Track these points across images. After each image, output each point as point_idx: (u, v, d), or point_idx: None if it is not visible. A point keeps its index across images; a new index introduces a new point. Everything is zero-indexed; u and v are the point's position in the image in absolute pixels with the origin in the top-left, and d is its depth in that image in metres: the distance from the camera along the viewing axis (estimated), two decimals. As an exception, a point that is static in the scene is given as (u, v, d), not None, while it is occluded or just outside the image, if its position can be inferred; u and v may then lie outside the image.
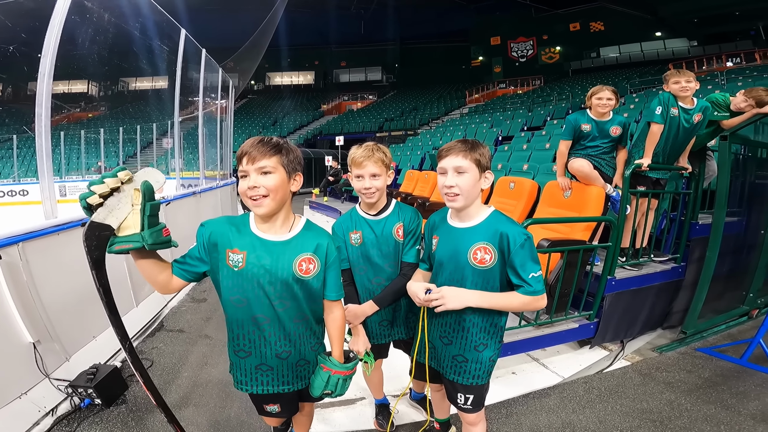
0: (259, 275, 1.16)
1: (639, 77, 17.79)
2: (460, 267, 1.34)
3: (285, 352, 1.25)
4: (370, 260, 1.62)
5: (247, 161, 1.12)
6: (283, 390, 1.30)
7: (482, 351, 1.39)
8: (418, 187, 6.28)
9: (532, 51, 27.84)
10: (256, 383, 1.28)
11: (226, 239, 1.17)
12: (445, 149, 1.34)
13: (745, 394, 2.30)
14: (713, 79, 12.20)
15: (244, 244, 1.17)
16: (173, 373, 2.58)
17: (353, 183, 1.62)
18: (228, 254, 1.17)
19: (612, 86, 2.99)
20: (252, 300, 1.18)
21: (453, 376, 1.43)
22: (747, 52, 18.30)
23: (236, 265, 1.16)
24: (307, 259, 1.20)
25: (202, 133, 6.29)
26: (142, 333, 3.15)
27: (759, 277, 3.36)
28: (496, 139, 10.34)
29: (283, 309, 1.21)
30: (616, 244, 2.68)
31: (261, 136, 1.17)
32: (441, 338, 1.44)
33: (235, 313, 1.21)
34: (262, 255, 1.17)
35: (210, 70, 6.83)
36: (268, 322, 1.21)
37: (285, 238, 1.21)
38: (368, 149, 1.57)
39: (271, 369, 1.27)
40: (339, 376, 1.30)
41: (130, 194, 1.03)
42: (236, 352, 1.26)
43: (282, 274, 1.18)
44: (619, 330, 2.94)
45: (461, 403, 1.45)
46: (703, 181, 3.20)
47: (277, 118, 27.19)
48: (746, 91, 3.12)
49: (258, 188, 1.12)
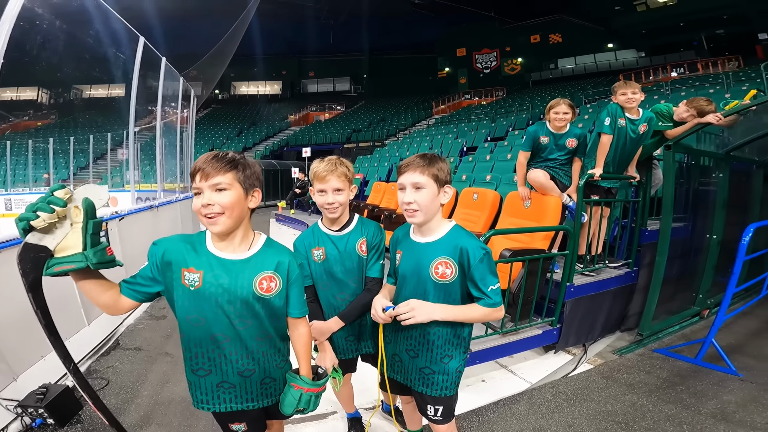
0: (218, 295, 1.13)
1: (593, 88, 18.62)
2: (423, 281, 1.36)
3: (248, 370, 1.21)
4: (334, 276, 1.60)
5: (201, 178, 1.09)
6: (248, 407, 1.25)
7: (448, 362, 1.40)
8: (385, 199, 6.29)
9: (495, 62, 28.85)
10: (218, 401, 1.23)
11: (181, 258, 1.13)
12: (404, 165, 1.35)
13: (703, 393, 2.40)
14: (659, 89, 12.98)
15: (201, 263, 1.14)
16: (132, 392, 2.46)
17: (315, 198, 1.59)
18: (183, 273, 1.13)
19: (568, 98, 3.11)
20: (210, 319, 1.14)
21: (421, 388, 1.44)
22: (690, 62, 19.47)
23: (192, 284, 1.12)
24: (267, 277, 1.18)
25: (160, 144, 6.04)
26: (95, 352, 3.00)
27: (707, 279, 3.58)
28: (460, 149, 10.51)
29: (244, 328, 1.17)
30: (573, 252, 2.77)
31: (216, 151, 1.14)
32: (407, 351, 1.45)
33: (192, 331, 1.16)
34: (219, 274, 1.14)
35: (171, 78, 6.61)
36: (229, 340, 1.17)
37: (244, 257, 1.17)
38: (331, 163, 1.54)
39: (234, 386, 1.22)
40: (311, 394, 1.28)
41: (69, 212, 0.97)
42: (194, 371, 1.20)
43: (241, 293, 1.15)
44: (581, 334, 3.03)
45: (431, 415, 1.45)
46: (650, 188, 3.37)
47: (242, 129, 26.58)
48: (688, 102, 3.29)
49: (213, 206, 1.08)
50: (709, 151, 3.65)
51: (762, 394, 2.39)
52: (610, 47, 24.92)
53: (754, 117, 3.80)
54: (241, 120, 28.97)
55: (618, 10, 22.53)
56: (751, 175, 4.27)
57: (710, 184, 3.64)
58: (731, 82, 11.50)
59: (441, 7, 26.68)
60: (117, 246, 3.69)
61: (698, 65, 18.85)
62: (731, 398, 2.34)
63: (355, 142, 21.06)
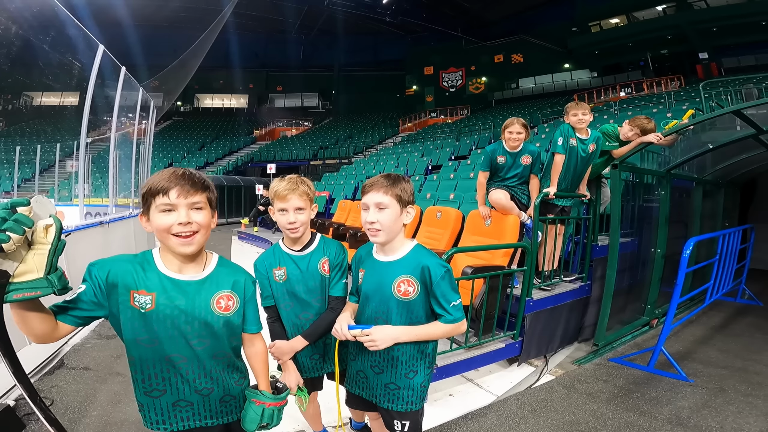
0: (174, 316, 1.10)
1: (550, 107, 19.32)
2: (385, 299, 1.38)
3: (206, 389, 1.18)
4: (296, 296, 1.59)
5: (179, 194, 1.05)
6: (207, 424, 1.21)
7: (413, 378, 1.42)
8: (350, 218, 6.26)
9: (461, 81, 29.65)
10: (174, 420, 1.17)
11: (130, 280, 1.08)
12: (368, 184, 1.38)
13: (658, 400, 2.51)
14: (608, 108, 13.68)
15: (153, 285, 1.09)
16: (79, 413, 2.32)
17: (276, 217, 1.57)
18: (133, 295, 1.07)
19: (527, 117, 3.26)
20: (164, 340, 1.10)
21: (387, 404, 1.44)
22: (637, 82, 20.60)
23: (143, 306, 1.08)
24: (225, 296, 1.17)
25: (113, 156, 5.75)
26: (38, 371, 2.81)
27: (654, 290, 3.79)
28: (426, 168, 10.70)
29: (202, 347, 1.14)
30: (531, 268, 2.87)
31: (181, 169, 1.10)
32: (372, 368, 1.45)
33: (144, 353, 1.11)
34: (175, 296, 1.10)
35: (129, 88, 6.35)
36: (185, 361, 1.13)
37: (199, 277, 1.15)
38: (292, 182, 1.53)
39: (191, 404, 1.18)
40: (273, 408, 1.27)
41: (36, 232, 0.88)
42: (147, 393, 1.15)
43: (200, 313, 1.12)
44: (541, 346, 3.11)
45: (398, 430, 1.45)
46: (599, 206, 3.55)
47: (204, 143, 25.79)
48: (630, 121, 3.47)
49: (191, 224, 1.06)
50: (652, 169, 3.90)
51: (713, 398, 2.52)
52: (567, 67, 25.95)
53: (693, 136, 4.13)
54: (204, 133, 28.10)
55: (574, 31, 23.61)
56: (691, 191, 4.61)
57: (653, 200, 3.88)
58: (673, 102, 12.28)
59: (410, 26, 27.37)
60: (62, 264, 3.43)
61: (644, 85, 19.92)
62: (684, 404, 2.46)
63: (321, 159, 20.95)
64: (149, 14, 24.18)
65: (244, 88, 33.86)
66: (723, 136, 3.85)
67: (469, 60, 28.98)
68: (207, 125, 30.21)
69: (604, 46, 22.89)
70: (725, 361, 3.11)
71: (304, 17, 27.20)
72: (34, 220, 0.87)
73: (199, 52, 20.09)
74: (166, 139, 25.63)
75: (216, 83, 33.00)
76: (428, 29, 27.26)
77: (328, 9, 24.69)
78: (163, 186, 1.05)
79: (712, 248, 3.68)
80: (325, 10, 24.96)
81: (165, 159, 21.15)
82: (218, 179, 16.66)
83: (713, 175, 4.87)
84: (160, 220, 1.06)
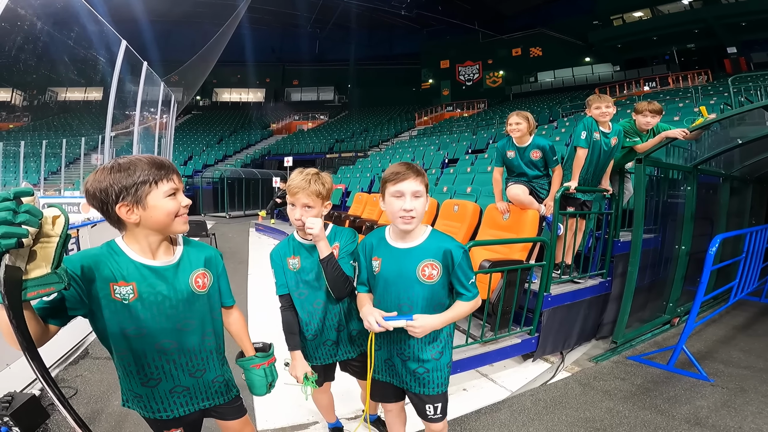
0: (159, 302, 1.13)
1: (570, 101, 18.95)
2: (410, 284, 1.43)
3: (199, 371, 1.23)
4: (309, 284, 1.63)
5: (178, 179, 1.13)
6: (204, 406, 1.28)
7: (440, 359, 1.48)
8: (366, 210, 6.27)
9: (477, 75, 29.30)
10: (175, 406, 1.22)
11: (107, 272, 1.08)
12: (399, 173, 1.39)
13: (676, 399, 2.47)
14: (632, 103, 13.38)
15: (131, 275, 1.10)
16: (102, 402, 2.39)
17: (288, 209, 1.62)
18: (113, 288, 1.08)
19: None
20: (152, 328, 1.13)
21: (418, 389, 1.49)
22: (662, 76, 20.08)
23: (126, 297, 1.09)
24: (201, 274, 1.22)
25: (137, 150, 5.91)
26: (63, 360, 2.90)
27: (677, 288, 3.71)
28: (442, 161, 10.64)
29: (190, 329, 1.19)
30: (550, 263, 2.83)
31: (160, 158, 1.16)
32: (398, 355, 1.50)
33: (134, 344, 1.12)
34: (155, 282, 1.13)
35: (151, 83, 6.50)
36: (176, 345, 1.17)
37: (173, 260, 1.18)
38: (306, 180, 1.54)
39: (188, 389, 1.23)
40: (271, 365, 1.42)
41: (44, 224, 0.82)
42: (145, 384, 1.17)
43: (182, 295, 1.17)
44: (558, 343, 3.08)
45: (431, 414, 1.51)
46: (622, 201, 3.47)
47: (222, 136, 26.16)
48: (635, 113, 3.39)
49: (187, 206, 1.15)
50: (678, 164, 3.80)
51: (733, 398, 2.47)
52: (587, 61, 25.40)
53: (721, 131, 4.00)
54: (222, 127, 28.56)
55: (595, 25, 23.08)
56: (718, 187, 4.48)
57: (679, 196, 3.78)
58: (700, 96, 11.94)
59: (426, 19, 27.11)
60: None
61: (669, 79, 19.40)
62: (704, 403, 2.41)
63: (337, 152, 20.99)
64: (166, 10, 24.60)
65: (260, 83, 34.22)
66: (752, 132, 3.71)
67: (486, 53, 28.60)
68: (225, 119, 30.66)
69: (627, 40, 22.28)
70: (747, 361, 3.03)
71: (318, 11, 27.22)
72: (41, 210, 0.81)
73: (217, 47, 20.35)
74: (185, 133, 26.13)
75: (233, 78, 33.39)
76: (444, 23, 26.98)
77: (343, 3, 24.68)
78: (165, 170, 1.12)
79: (738, 246, 3.57)
80: (340, 3, 24.96)
81: (185, 152, 21.55)
82: (236, 172, 16.92)
83: (741, 171, 4.71)
84: (168, 205, 1.10)
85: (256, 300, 4.52)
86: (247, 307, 4.28)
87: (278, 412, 2.30)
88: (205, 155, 21.50)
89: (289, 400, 2.37)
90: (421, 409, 1.52)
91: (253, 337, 1.47)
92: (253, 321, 3.73)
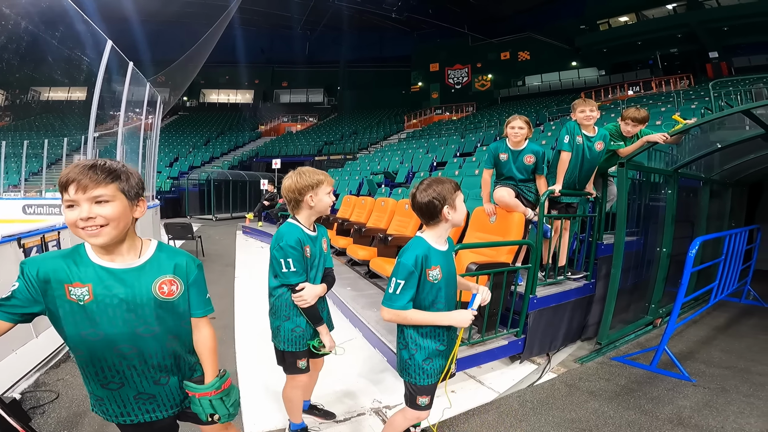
0: (114, 305, 1.10)
1: (557, 105, 19.16)
2: (455, 281, 1.67)
3: (164, 378, 1.20)
4: (315, 269, 1.87)
5: (76, 190, 1.02)
6: (175, 413, 1.26)
7: None
8: (355, 213, 6.26)
9: (466, 78, 29.45)
10: (140, 411, 1.19)
11: (63, 274, 1.08)
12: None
13: (660, 399, 2.52)
14: (616, 107, 13.54)
15: (88, 276, 1.09)
16: (84, 405, 2.32)
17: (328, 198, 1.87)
18: (68, 289, 1.07)
19: (534, 115, 3.24)
20: (109, 332, 1.10)
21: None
22: (645, 80, 20.43)
23: (81, 299, 1.08)
24: (168, 281, 1.18)
25: (121, 151, 5.80)
26: (44, 364, 2.85)
27: (658, 290, 3.78)
28: (431, 164, 10.68)
29: (150, 335, 1.15)
30: (536, 265, 2.87)
31: (93, 160, 1.08)
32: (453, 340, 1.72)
33: (92, 346, 1.11)
34: (112, 285, 1.10)
35: (137, 83, 6.40)
36: (135, 351, 1.14)
37: (136, 264, 1.15)
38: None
39: (153, 397, 1.20)
40: (206, 398, 1.24)
41: None
42: (104, 386, 1.15)
43: (142, 300, 1.13)
44: (544, 344, 3.12)
45: None
46: (605, 204, 3.53)
47: (210, 138, 25.82)
48: (622, 119, 3.49)
49: (94, 219, 1.04)
50: (659, 168, 3.88)
51: (714, 398, 2.52)
52: (574, 65, 25.70)
53: (701, 135, 4.09)
54: (210, 128, 28.15)
55: (582, 29, 23.39)
56: (698, 191, 4.58)
57: (660, 199, 3.86)
58: (682, 100, 12.16)
59: (416, 22, 27.23)
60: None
61: (652, 83, 19.79)
62: (686, 403, 2.46)
63: (326, 154, 20.91)
64: (156, 10, 24.29)
65: (249, 84, 33.89)
66: (732, 136, 3.80)
67: (475, 57, 28.77)
68: (212, 120, 30.28)
69: (613, 44, 22.59)
70: (728, 361, 3.11)
71: (309, 13, 27.11)
72: None
73: (205, 48, 20.14)
74: (171, 134, 25.71)
75: (222, 79, 33.05)
76: (434, 26, 27.12)
77: (334, 5, 24.63)
78: (62, 181, 1.04)
79: (718, 248, 3.66)
80: (331, 6, 24.91)
81: (171, 153, 21.21)
82: (223, 173, 16.70)
83: (721, 174, 4.83)
84: (67, 216, 1.06)
85: (243, 303, 4.47)
86: (234, 309, 4.22)
87: (266, 416, 2.28)
88: (191, 157, 21.20)
89: (277, 403, 2.35)
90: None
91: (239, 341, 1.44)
92: (240, 324, 3.68)
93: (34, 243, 3.06)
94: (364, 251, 4.57)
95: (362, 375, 2.80)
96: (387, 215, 5.25)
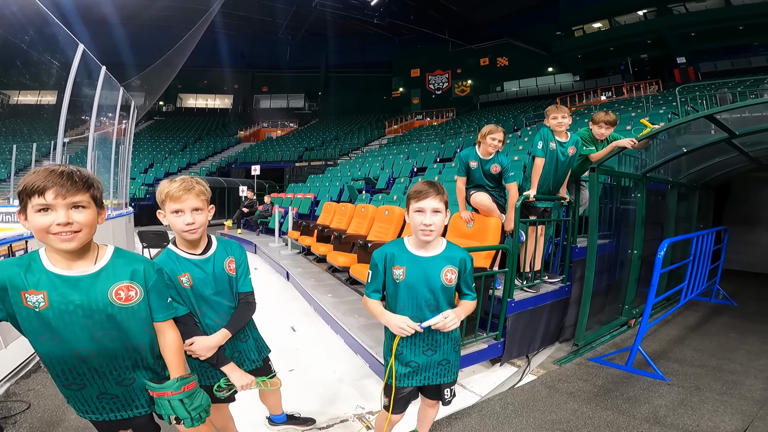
0: (70, 312, 1.11)
1: (533, 110, 19.34)
2: (434, 287, 1.62)
3: (127, 379, 1.22)
4: (207, 300, 1.57)
5: (56, 195, 1.04)
6: (140, 413, 1.26)
7: (458, 350, 1.76)
8: (335, 220, 6.21)
9: (447, 84, 29.77)
10: (104, 410, 1.22)
11: (18, 281, 1.09)
12: (422, 191, 1.58)
13: (636, 399, 2.57)
14: (589, 112, 13.86)
15: (42, 284, 1.10)
16: (57, 415, 2.27)
17: (169, 219, 1.50)
18: (24, 296, 1.09)
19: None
20: (67, 337, 1.12)
21: (440, 380, 1.72)
22: (617, 86, 21.04)
23: (37, 305, 1.09)
24: (125, 287, 1.18)
25: (92, 156, 5.62)
26: (14, 375, 2.76)
27: (631, 291, 3.88)
28: (411, 170, 10.67)
29: (109, 339, 1.16)
30: (513, 269, 2.91)
31: (60, 166, 1.08)
32: (424, 352, 1.68)
33: (50, 350, 1.14)
34: (67, 292, 1.11)
35: (109, 87, 6.22)
36: (95, 355, 1.15)
37: (92, 271, 1.15)
38: (186, 182, 1.52)
39: (116, 396, 1.22)
40: (164, 398, 1.23)
41: None
42: (66, 387, 1.19)
43: (98, 306, 1.13)
44: (523, 346, 3.16)
45: (448, 397, 1.77)
46: (578, 208, 3.61)
47: (187, 143, 25.22)
48: (593, 123, 3.55)
49: (71, 224, 1.06)
50: (629, 172, 4.00)
51: (689, 397, 2.59)
52: (551, 71, 26.22)
53: (668, 139, 4.24)
54: (187, 134, 27.50)
55: (558, 35, 23.97)
56: (666, 194, 4.74)
57: (630, 203, 3.97)
58: (650, 106, 12.54)
59: (398, 28, 27.38)
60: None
61: (623, 89, 20.38)
62: (662, 402, 2.52)
63: (307, 160, 20.67)
64: (135, 13, 23.75)
65: (229, 89, 33.38)
66: (697, 140, 3.95)
67: (455, 63, 29.10)
68: (190, 125, 29.64)
69: (587, 50, 23.25)
70: (700, 360, 3.20)
71: (291, 18, 26.95)
72: None
73: (184, 52, 19.71)
74: (147, 140, 25.01)
75: (200, 83, 32.48)
76: (416, 32, 27.32)
77: (316, 10, 24.52)
78: (39, 186, 1.03)
79: (687, 249, 3.79)
80: (313, 11, 24.80)
81: (146, 159, 20.63)
82: (201, 180, 16.34)
83: (688, 178, 5.01)
84: (38, 221, 1.05)
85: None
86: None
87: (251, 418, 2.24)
88: (167, 163, 20.67)
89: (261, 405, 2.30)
90: (438, 393, 1.76)
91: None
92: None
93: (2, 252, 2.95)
94: (345, 258, 4.54)
95: (344, 381, 2.78)
96: (367, 222, 5.23)
